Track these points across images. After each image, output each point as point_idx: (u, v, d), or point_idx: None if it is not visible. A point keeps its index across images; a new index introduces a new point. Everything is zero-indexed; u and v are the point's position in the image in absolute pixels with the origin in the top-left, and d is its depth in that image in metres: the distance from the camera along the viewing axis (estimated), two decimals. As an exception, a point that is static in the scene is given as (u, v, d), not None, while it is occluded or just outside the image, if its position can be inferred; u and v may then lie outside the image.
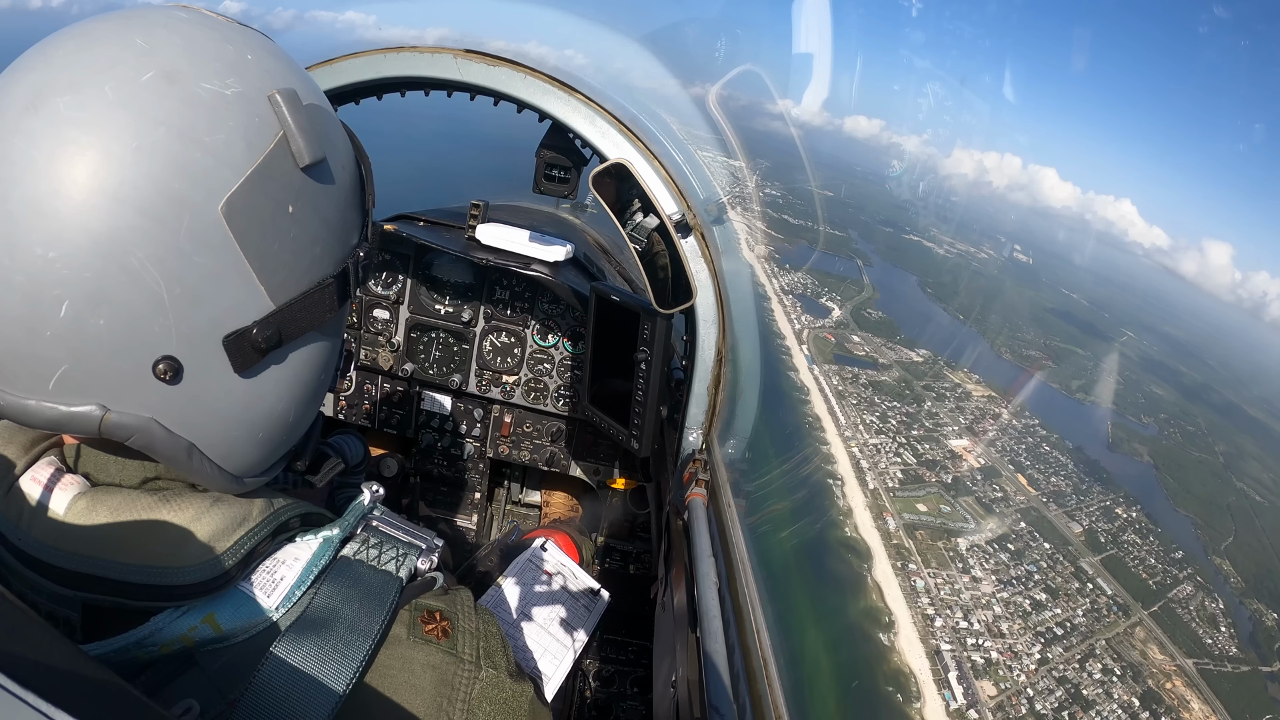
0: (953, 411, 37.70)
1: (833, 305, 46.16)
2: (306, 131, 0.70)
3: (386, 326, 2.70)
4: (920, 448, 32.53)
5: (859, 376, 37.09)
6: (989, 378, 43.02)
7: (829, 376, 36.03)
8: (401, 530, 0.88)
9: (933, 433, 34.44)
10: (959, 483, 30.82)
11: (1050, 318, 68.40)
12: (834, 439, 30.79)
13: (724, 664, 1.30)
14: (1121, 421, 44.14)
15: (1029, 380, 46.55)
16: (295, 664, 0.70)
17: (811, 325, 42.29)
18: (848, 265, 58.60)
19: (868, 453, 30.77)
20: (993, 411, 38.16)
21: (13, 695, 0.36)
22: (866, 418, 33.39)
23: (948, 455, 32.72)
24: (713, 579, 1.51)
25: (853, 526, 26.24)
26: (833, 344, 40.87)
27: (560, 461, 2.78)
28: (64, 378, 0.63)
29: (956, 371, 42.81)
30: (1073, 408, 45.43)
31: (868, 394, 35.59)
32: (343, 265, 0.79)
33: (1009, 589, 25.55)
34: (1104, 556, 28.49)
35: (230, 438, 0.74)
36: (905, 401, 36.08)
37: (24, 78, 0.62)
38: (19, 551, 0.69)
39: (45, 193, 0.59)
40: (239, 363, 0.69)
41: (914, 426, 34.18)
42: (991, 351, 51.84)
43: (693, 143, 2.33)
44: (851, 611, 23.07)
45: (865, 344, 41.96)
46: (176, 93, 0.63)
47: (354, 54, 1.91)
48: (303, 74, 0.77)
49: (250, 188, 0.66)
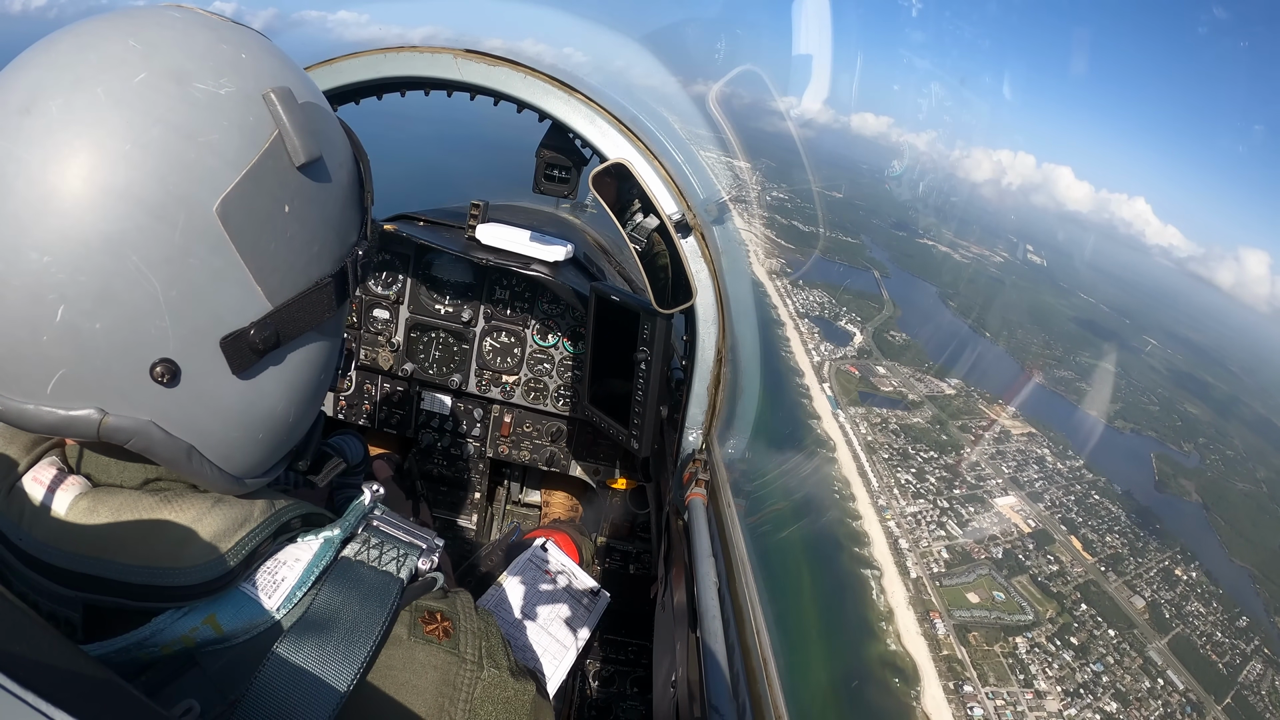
0: (994, 458, 33.93)
1: (853, 329, 43.10)
2: (302, 130, 0.70)
3: (386, 326, 2.70)
4: (964, 512, 28.75)
5: (889, 420, 33.69)
6: (1026, 410, 40.10)
7: (856, 423, 32.18)
8: (402, 530, 0.88)
9: (976, 489, 30.62)
10: (1011, 557, 27.18)
11: (1075, 328, 66.25)
12: (866, 509, 26.88)
13: (724, 664, 1.30)
14: (1164, 453, 41.80)
15: (1066, 410, 44.00)
16: (296, 664, 0.70)
17: (832, 357, 38.66)
18: (864, 278, 56.14)
19: (907, 527, 26.87)
20: (1035, 454, 34.82)
21: (13, 695, 0.36)
22: (902, 476, 29.69)
23: (995, 520, 28.84)
24: (712, 579, 1.51)
25: (895, 636, 22.46)
26: (857, 379, 37.35)
27: (560, 461, 2.78)
28: (62, 381, 0.63)
29: (992, 405, 39.32)
30: (1113, 439, 42.71)
31: (900, 443, 31.93)
32: (341, 264, 0.79)
33: (1077, 702, 22.57)
34: (1170, 638, 26.08)
35: (230, 439, 0.74)
36: (943, 449, 32.58)
37: (19, 79, 0.62)
38: (20, 552, 0.69)
39: (39, 196, 0.59)
40: (237, 364, 0.69)
41: (955, 483, 30.44)
42: (1023, 373, 48.55)
43: (694, 142, 2.33)
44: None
45: (891, 375, 38.60)
46: (171, 93, 0.63)
47: (354, 54, 1.91)
48: (299, 73, 0.77)
49: (246, 187, 0.66)
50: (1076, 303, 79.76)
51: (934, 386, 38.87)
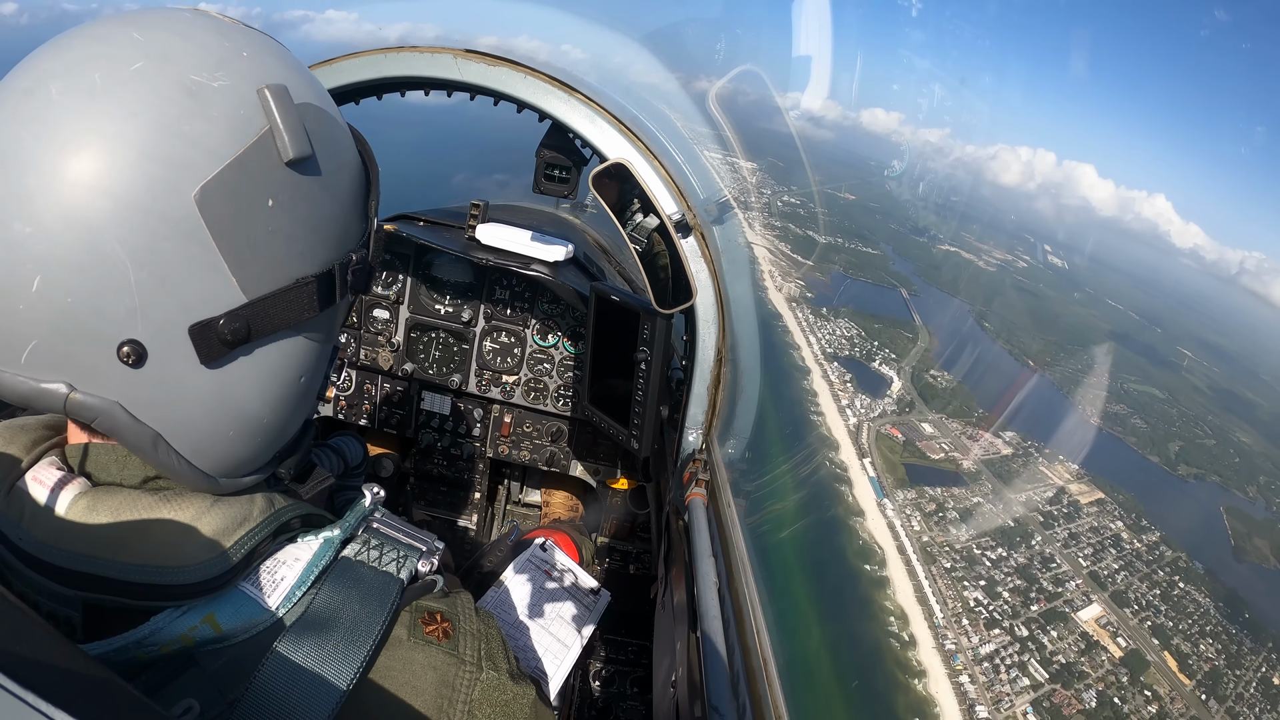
0: (1068, 544, 29.31)
1: (889, 372, 38.66)
2: (294, 127, 0.70)
3: (386, 326, 2.70)
4: (1046, 639, 23.64)
5: (945, 504, 28.40)
6: (1089, 464, 36.07)
7: (907, 515, 26.59)
8: (402, 532, 0.88)
9: (1055, 597, 25.77)
10: (1107, 702, 22.52)
11: (1114, 345, 64.63)
12: (931, 659, 21.35)
13: (724, 664, 1.30)
14: (1232, 504, 38.90)
15: (1128, 458, 40.88)
16: (296, 664, 0.70)
17: (870, 416, 33.58)
18: (891, 298, 53.71)
19: (982, 679, 21.65)
20: (1109, 530, 30.80)
21: (13, 695, 0.36)
22: (970, 594, 24.54)
23: (1081, 642, 23.96)
24: (712, 579, 1.51)
25: None
26: (901, 445, 32.02)
27: (560, 461, 2.78)
28: (34, 352, 0.65)
29: (1053, 463, 34.99)
30: (1180, 493, 39.78)
31: (963, 540, 26.26)
32: (328, 267, 0.77)
33: None
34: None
35: (199, 432, 0.73)
36: (1010, 540, 27.77)
37: (32, 64, 0.65)
38: (20, 551, 0.69)
39: (27, 171, 0.61)
40: (205, 353, 0.69)
41: (1032, 596, 25.44)
42: (1075, 410, 45.17)
43: (695, 141, 2.33)
44: None
45: (940, 434, 33.76)
46: (162, 81, 0.64)
47: (354, 54, 1.91)
48: (306, 77, 0.77)
49: (228, 177, 0.66)
50: (1108, 313, 78.01)
51: (987, 445, 34.85)
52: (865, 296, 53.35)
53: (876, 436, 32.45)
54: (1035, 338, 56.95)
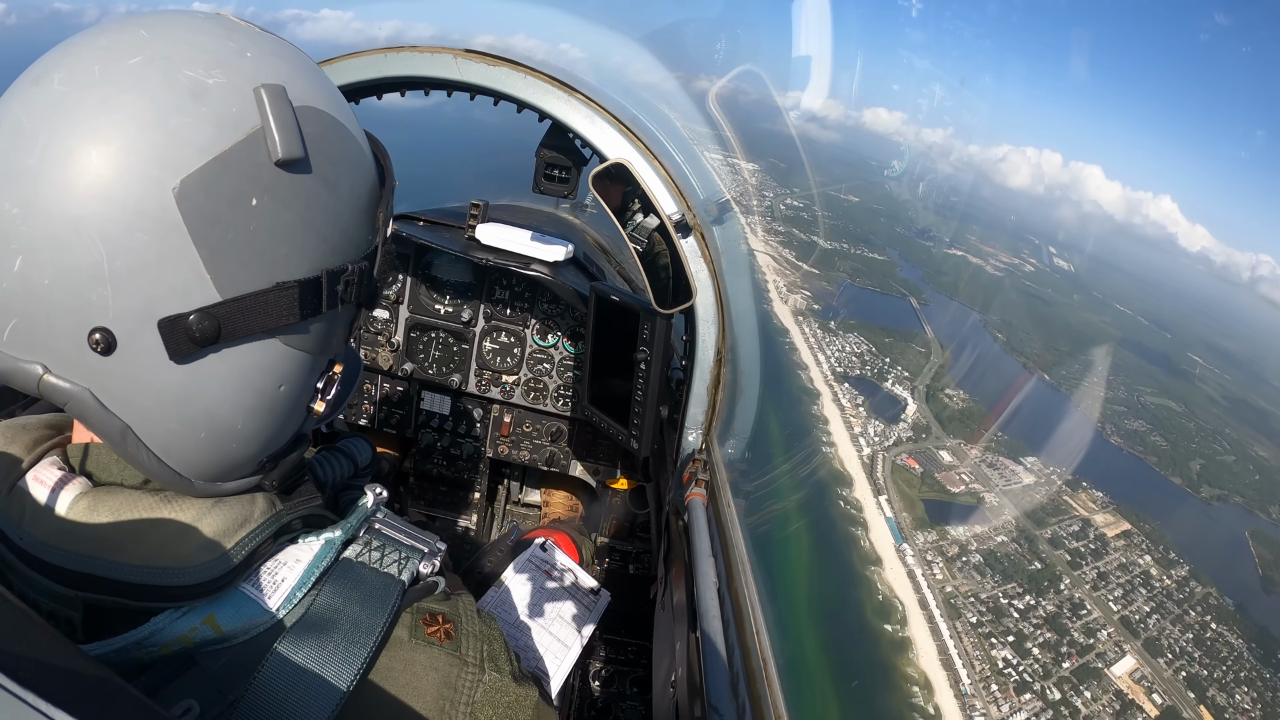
0: (1096, 587, 27.62)
1: (903, 392, 36.60)
2: (286, 126, 0.69)
3: (386, 326, 2.70)
4: (1079, 702, 21.81)
5: (968, 547, 26.33)
6: (1114, 492, 34.45)
7: (929, 563, 24.46)
8: (404, 533, 0.88)
9: (1086, 655, 23.94)
10: None
11: (1126, 354, 62.00)
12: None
13: (723, 664, 1.30)
14: (1256, 527, 37.13)
15: (1153, 482, 38.91)
16: (296, 665, 0.70)
17: (884, 445, 31.30)
18: (900, 307, 51.65)
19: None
20: (1138, 567, 28.97)
21: (13, 695, 0.36)
22: (998, 654, 22.51)
23: (1116, 703, 22.12)
24: (712, 579, 1.51)
25: None
26: (919, 478, 29.83)
27: (560, 461, 2.78)
28: (14, 331, 0.66)
29: (1076, 490, 33.24)
30: (1206, 519, 37.88)
31: (989, 590, 24.30)
32: (316, 274, 0.74)
33: None
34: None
35: (168, 429, 0.72)
36: (1038, 586, 25.99)
37: (47, 59, 0.67)
38: (20, 551, 0.69)
39: (23, 155, 0.63)
40: (173, 349, 0.68)
41: (1063, 652, 23.64)
42: (1095, 429, 42.82)
43: (695, 141, 2.33)
44: None
45: (959, 463, 31.65)
46: (155, 75, 0.65)
47: (354, 54, 1.91)
48: (315, 82, 0.76)
49: (211, 172, 0.65)
50: (1117, 319, 76.34)
51: (1009, 474, 32.59)
52: (874, 306, 52.21)
53: (893, 469, 30.53)
54: (1049, 349, 55.18)
